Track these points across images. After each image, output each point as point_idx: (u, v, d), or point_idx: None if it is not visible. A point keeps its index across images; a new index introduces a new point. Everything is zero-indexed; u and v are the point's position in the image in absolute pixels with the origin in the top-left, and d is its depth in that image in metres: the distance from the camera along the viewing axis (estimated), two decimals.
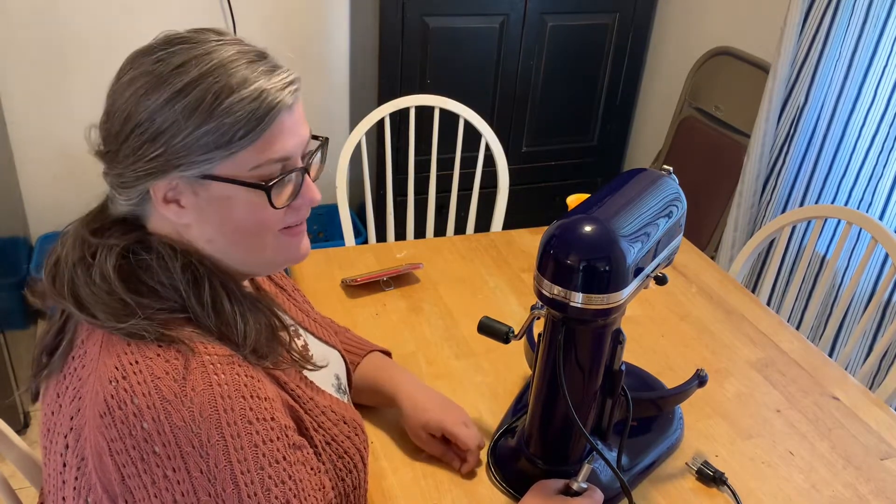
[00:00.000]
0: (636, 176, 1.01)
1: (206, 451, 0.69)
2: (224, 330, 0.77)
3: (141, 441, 0.69)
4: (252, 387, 0.74)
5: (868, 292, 1.96)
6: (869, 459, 1.14)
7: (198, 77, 0.73)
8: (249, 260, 0.82)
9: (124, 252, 0.77)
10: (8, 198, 2.30)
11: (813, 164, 2.08)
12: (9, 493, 1.06)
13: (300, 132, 0.79)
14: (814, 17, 1.99)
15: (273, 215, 0.79)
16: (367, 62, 2.53)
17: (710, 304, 1.51)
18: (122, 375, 0.71)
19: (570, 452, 1.03)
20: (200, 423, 0.69)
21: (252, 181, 0.76)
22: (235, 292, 0.80)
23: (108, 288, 0.75)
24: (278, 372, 0.83)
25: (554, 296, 0.89)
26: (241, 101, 0.73)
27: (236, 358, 0.75)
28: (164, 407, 0.69)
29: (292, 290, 1.07)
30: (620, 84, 2.79)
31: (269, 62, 0.78)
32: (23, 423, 2.04)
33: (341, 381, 1.01)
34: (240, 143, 0.73)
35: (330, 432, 0.86)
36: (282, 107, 0.75)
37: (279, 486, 0.73)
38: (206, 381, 0.71)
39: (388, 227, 2.02)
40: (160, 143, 0.73)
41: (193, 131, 0.72)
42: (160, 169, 0.74)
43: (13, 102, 2.41)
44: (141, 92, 0.73)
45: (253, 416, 0.72)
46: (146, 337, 0.72)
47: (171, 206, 0.77)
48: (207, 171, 0.74)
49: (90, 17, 2.37)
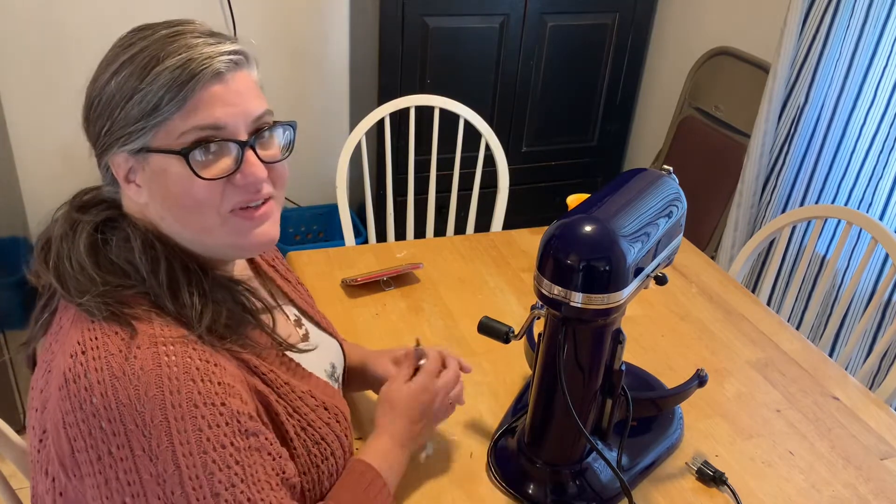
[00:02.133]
0: (636, 176, 1.01)
1: (148, 431, 0.70)
2: (179, 310, 0.77)
3: (90, 415, 0.70)
4: (204, 370, 0.74)
5: (868, 292, 1.96)
6: (869, 459, 1.14)
7: (136, 52, 0.75)
8: (201, 239, 0.81)
9: (94, 229, 0.79)
10: (8, 197, 2.30)
11: (813, 164, 2.08)
12: (9, 493, 1.06)
13: (238, 103, 0.77)
14: (814, 17, 1.99)
15: (204, 189, 0.76)
16: (367, 62, 2.53)
17: (710, 304, 1.51)
18: (81, 350, 0.72)
19: (570, 452, 1.03)
20: (145, 402, 0.70)
21: (176, 149, 0.75)
22: (195, 272, 0.80)
23: (80, 262, 0.77)
24: (250, 356, 0.82)
25: (554, 296, 0.89)
26: (166, 70, 0.74)
27: (191, 340, 0.75)
28: (112, 383, 0.70)
29: (296, 283, 1.08)
30: (620, 84, 2.79)
31: (217, 38, 0.78)
32: (22, 423, 2.04)
33: (336, 370, 1.02)
34: (166, 108, 0.74)
35: (306, 418, 0.86)
36: (208, 73, 0.74)
37: (224, 471, 0.72)
38: (155, 362, 0.71)
39: (388, 227, 2.02)
40: (105, 117, 0.76)
41: (127, 102, 0.75)
42: (110, 143, 0.77)
43: (13, 102, 2.41)
44: (97, 74, 0.78)
45: (200, 400, 0.72)
46: (96, 315, 0.73)
47: (132, 186, 0.79)
48: (146, 143, 0.76)
49: (90, 17, 2.37)
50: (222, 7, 2.49)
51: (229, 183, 0.78)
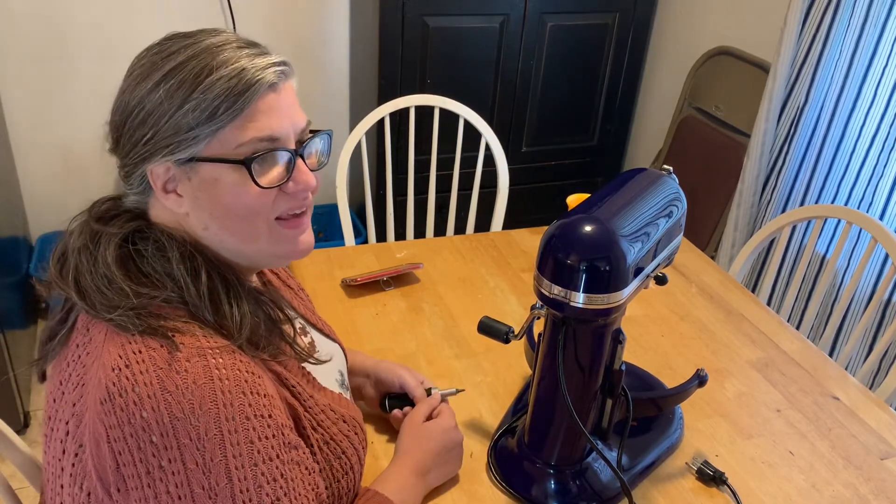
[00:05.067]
0: (636, 176, 1.01)
1: (202, 445, 0.69)
2: (219, 320, 0.77)
3: (139, 430, 0.69)
4: (252, 383, 0.74)
5: (868, 292, 1.96)
6: (869, 459, 1.14)
7: (184, 60, 0.75)
8: (244, 249, 0.82)
9: (123, 240, 0.78)
10: (8, 197, 2.30)
11: (813, 164, 2.08)
12: (9, 493, 1.06)
13: (289, 115, 0.79)
14: (814, 17, 1.99)
15: (260, 197, 0.78)
16: (367, 62, 2.53)
17: (710, 304, 1.51)
18: (125, 364, 0.71)
19: (570, 452, 1.03)
20: (200, 415, 0.69)
21: (234, 158, 0.76)
22: (233, 283, 0.80)
23: (108, 275, 0.76)
24: (279, 367, 0.82)
25: (554, 296, 0.89)
26: (221, 79, 0.74)
27: (235, 349, 0.75)
28: (164, 397, 0.69)
29: (298, 289, 1.07)
30: (620, 84, 2.79)
31: (260, 49, 0.79)
32: (23, 423, 2.04)
33: (344, 376, 1.02)
34: (221, 118, 0.74)
35: (329, 431, 0.86)
36: (263, 84, 0.75)
37: (270, 484, 0.73)
38: (207, 375, 0.71)
39: (388, 227, 2.02)
40: (149, 125, 0.75)
41: (177, 111, 0.74)
42: (152, 151, 0.76)
43: (13, 102, 2.41)
44: (136, 81, 0.76)
45: (251, 412, 0.72)
46: (131, 329, 0.72)
47: (171, 196, 0.78)
48: (195, 152, 0.75)
49: (90, 18, 2.37)
50: (222, 7, 2.49)
51: (280, 191, 0.79)
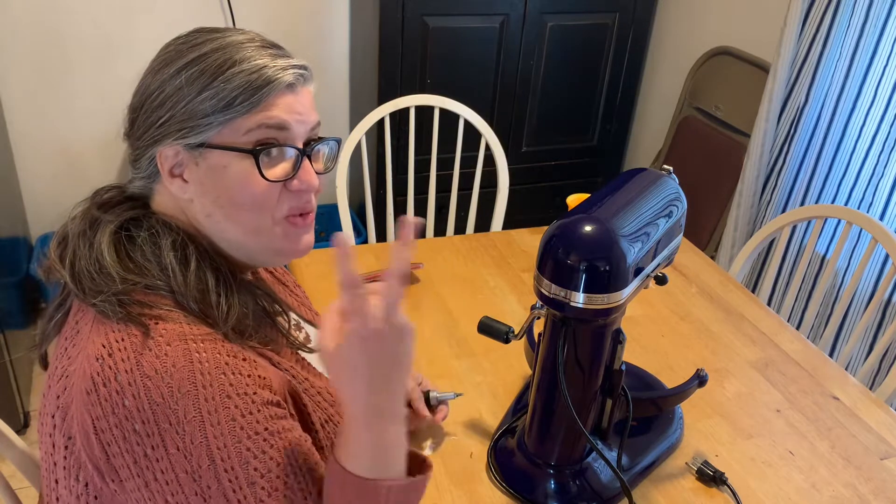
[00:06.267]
0: (636, 176, 1.01)
1: (182, 428, 0.69)
2: (205, 309, 0.77)
3: (122, 419, 0.69)
4: (234, 365, 0.74)
5: (868, 292, 1.96)
6: (869, 459, 1.14)
7: (208, 51, 0.78)
8: (245, 241, 0.82)
9: (119, 227, 0.80)
10: (8, 197, 2.30)
11: (813, 164, 2.08)
12: (9, 493, 1.06)
13: (303, 113, 0.81)
14: (814, 17, 1.99)
15: (264, 189, 0.79)
16: (367, 62, 2.53)
17: (710, 304, 1.51)
18: (108, 353, 0.72)
19: (570, 452, 1.03)
20: (178, 398, 0.69)
21: (243, 146, 0.78)
22: (225, 273, 0.81)
23: (100, 260, 0.77)
24: (272, 353, 0.83)
25: (554, 296, 0.89)
26: (241, 73, 0.77)
27: (218, 337, 0.75)
28: (144, 383, 0.69)
29: (294, 286, 1.08)
30: (620, 84, 2.79)
31: (283, 51, 0.81)
32: (23, 423, 2.04)
33: None
34: (236, 108, 0.76)
35: (327, 412, 0.87)
36: (281, 83, 0.78)
37: (258, 458, 0.72)
38: (187, 358, 0.71)
39: (388, 227, 2.02)
40: (166, 108, 0.77)
41: (195, 97, 0.76)
42: (164, 134, 0.78)
43: (13, 102, 2.41)
44: (159, 67, 0.79)
45: (232, 391, 0.72)
46: (111, 316, 0.73)
47: (177, 180, 0.80)
48: (206, 138, 0.77)
49: (90, 17, 2.37)
50: (222, 7, 2.49)
51: (285, 188, 0.81)
